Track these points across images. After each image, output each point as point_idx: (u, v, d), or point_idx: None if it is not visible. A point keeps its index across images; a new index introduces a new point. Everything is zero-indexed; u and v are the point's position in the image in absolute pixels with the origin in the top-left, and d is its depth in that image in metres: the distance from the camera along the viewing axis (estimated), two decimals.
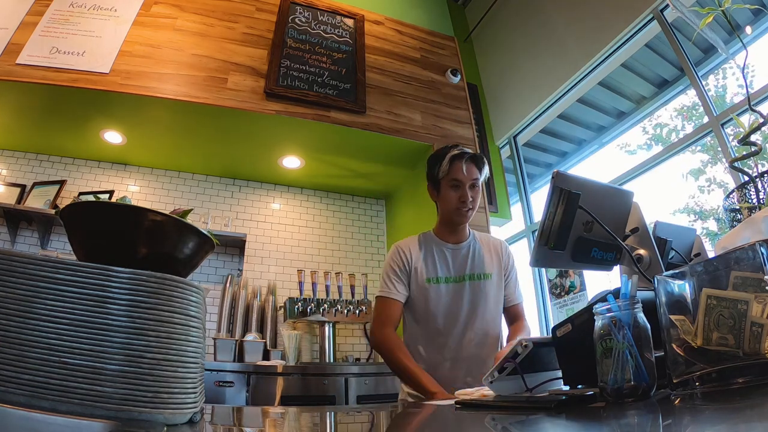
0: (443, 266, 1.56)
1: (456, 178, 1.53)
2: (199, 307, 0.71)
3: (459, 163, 1.53)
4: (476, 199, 1.55)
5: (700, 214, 3.66)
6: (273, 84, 2.69)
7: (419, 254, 1.57)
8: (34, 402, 0.53)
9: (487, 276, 1.58)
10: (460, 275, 1.56)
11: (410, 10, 3.60)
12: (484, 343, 1.52)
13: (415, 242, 1.61)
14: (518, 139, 3.94)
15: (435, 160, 1.60)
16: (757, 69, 2.50)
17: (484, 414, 0.75)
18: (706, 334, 0.58)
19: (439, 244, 1.60)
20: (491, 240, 1.70)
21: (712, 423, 0.47)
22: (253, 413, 1.13)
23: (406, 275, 1.55)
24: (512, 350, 0.76)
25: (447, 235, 1.61)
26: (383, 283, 1.55)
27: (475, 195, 1.55)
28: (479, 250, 1.61)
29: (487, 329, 1.54)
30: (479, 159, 1.57)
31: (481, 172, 1.56)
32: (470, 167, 1.54)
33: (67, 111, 2.55)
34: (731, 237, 0.88)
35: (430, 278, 1.54)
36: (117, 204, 0.70)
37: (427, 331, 1.51)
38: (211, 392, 2.25)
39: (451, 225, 1.60)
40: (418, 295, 1.53)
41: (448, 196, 1.55)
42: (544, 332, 3.28)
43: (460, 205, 1.53)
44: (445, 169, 1.53)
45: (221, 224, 3.14)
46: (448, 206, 1.56)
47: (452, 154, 1.54)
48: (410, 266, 1.55)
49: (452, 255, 1.59)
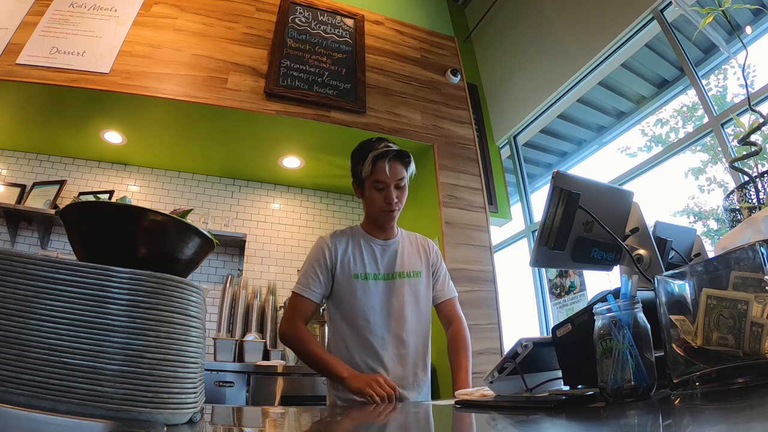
0: (371, 262, 1.50)
1: (380, 180, 1.44)
2: (199, 307, 0.71)
3: (382, 164, 1.43)
4: (402, 198, 1.49)
5: (699, 215, 3.66)
6: (273, 84, 2.69)
7: (346, 248, 1.50)
8: (34, 402, 0.53)
9: (417, 273, 1.54)
10: (391, 273, 1.51)
11: (410, 10, 3.60)
12: (417, 342, 1.49)
13: (342, 236, 1.54)
14: (518, 139, 3.94)
15: (357, 158, 1.51)
16: (757, 69, 2.50)
17: (484, 414, 0.75)
18: (706, 334, 0.58)
19: (367, 239, 1.54)
20: (418, 238, 1.65)
21: (712, 423, 0.47)
22: (253, 413, 1.13)
23: (327, 272, 1.47)
24: (512, 350, 0.76)
25: (375, 232, 1.55)
26: (302, 278, 1.47)
27: (401, 194, 1.48)
28: (407, 247, 1.58)
29: (421, 329, 1.51)
30: (404, 156, 1.47)
31: (407, 170, 1.48)
32: (395, 166, 1.44)
33: (67, 111, 2.55)
34: (731, 237, 0.88)
35: (358, 274, 1.47)
36: (117, 204, 0.70)
37: (356, 329, 1.45)
38: (211, 392, 2.25)
39: (378, 224, 1.54)
40: (345, 290, 1.46)
41: (373, 197, 1.47)
42: (544, 332, 3.28)
43: (386, 207, 1.46)
44: (368, 170, 1.44)
45: (221, 224, 3.14)
46: (373, 208, 1.49)
47: (375, 154, 1.44)
48: (335, 261, 1.47)
49: (381, 251, 1.53)
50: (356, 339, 1.45)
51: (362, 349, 1.44)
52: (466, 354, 1.50)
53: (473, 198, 3.00)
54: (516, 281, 3.61)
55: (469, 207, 2.95)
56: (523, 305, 3.45)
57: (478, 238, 2.88)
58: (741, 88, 2.53)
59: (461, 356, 1.49)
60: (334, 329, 1.50)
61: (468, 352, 1.51)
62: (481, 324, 2.64)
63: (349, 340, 1.45)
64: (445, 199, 2.87)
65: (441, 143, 3.05)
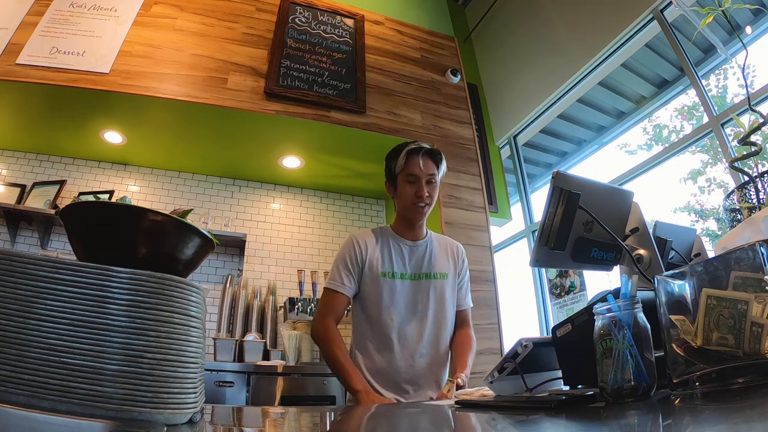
0: (399, 262, 1.52)
1: (412, 173, 1.49)
2: (199, 307, 0.71)
3: (415, 158, 1.49)
4: (433, 195, 1.51)
5: (700, 213, 3.66)
6: (273, 84, 2.69)
7: (375, 247, 1.52)
8: (34, 402, 0.53)
9: (444, 276, 1.56)
10: (418, 273, 1.53)
11: (410, 10, 3.60)
12: (439, 343, 1.50)
13: (372, 235, 1.56)
14: (518, 139, 3.94)
15: (392, 155, 1.56)
16: (758, 69, 2.50)
17: (484, 414, 0.75)
18: (706, 334, 0.58)
19: (396, 239, 1.56)
20: (448, 241, 1.66)
21: (712, 423, 0.47)
22: (253, 413, 1.13)
23: (357, 269, 1.49)
24: (512, 350, 0.76)
25: (404, 232, 1.57)
26: (333, 274, 1.49)
27: (432, 191, 1.51)
28: (436, 249, 1.59)
29: (441, 329, 1.52)
30: (436, 154, 1.53)
31: (438, 168, 1.52)
32: (427, 162, 1.50)
33: (67, 111, 2.55)
34: (731, 237, 0.88)
35: (386, 272, 1.49)
36: (117, 204, 0.70)
37: (380, 328, 1.46)
38: (211, 392, 2.25)
39: (408, 222, 1.56)
40: (372, 288, 1.48)
41: (404, 191, 1.51)
42: (544, 332, 3.28)
43: (416, 200, 1.49)
44: (402, 164, 1.50)
45: (221, 224, 3.14)
46: (404, 202, 1.52)
47: (409, 149, 1.51)
48: (364, 259, 1.50)
49: (409, 252, 1.55)
50: (378, 336, 1.46)
51: (383, 347, 1.45)
52: (470, 353, 1.52)
53: (473, 198, 3.00)
54: (516, 281, 3.62)
55: (469, 207, 2.95)
56: (523, 305, 3.45)
57: (478, 238, 2.88)
58: (741, 88, 2.54)
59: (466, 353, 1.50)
60: (358, 326, 1.53)
61: (473, 351, 1.53)
62: (481, 324, 2.64)
63: (371, 337, 1.47)
64: (445, 199, 2.87)
65: (441, 143, 3.05)
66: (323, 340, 1.44)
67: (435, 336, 1.50)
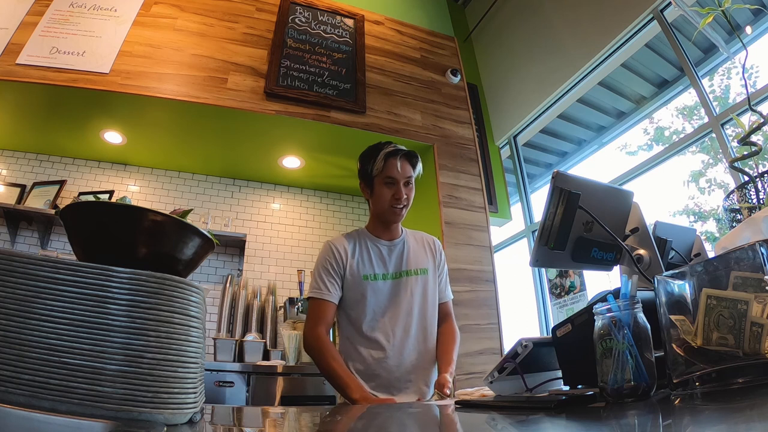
0: (380, 263, 1.53)
1: (390, 176, 1.49)
2: (199, 307, 0.71)
3: (394, 161, 1.49)
4: (410, 197, 1.53)
5: (699, 215, 3.66)
6: (273, 84, 2.69)
7: (354, 251, 1.52)
8: (34, 402, 0.53)
9: (424, 271, 1.57)
10: (398, 272, 1.54)
11: (410, 10, 3.60)
12: (426, 338, 1.52)
13: (348, 239, 1.56)
14: (518, 139, 3.94)
15: (368, 157, 1.55)
16: (759, 69, 2.50)
17: (484, 414, 0.75)
18: (706, 334, 0.58)
19: (374, 240, 1.56)
20: (424, 237, 1.68)
21: (712, 423, 0.47)
22: (253, 413, 1.13)
23: (339, 275, 1.49)
24: (512, 350, 0.76)
25: (381, 232, 1.58)
26: (315, 283, 1.48)
27: (409, 193, 1.53)
28: (413, 246, 1.60)
29: (427, 324, 1.53)
30: (413, 156, 1.54)
31: (415, 170, 1.54)
32: (404, 164, 1.51)
33: (67, 111, 2.55)
34: (731, 237, 0.88)
35: (368, 275, 1.49)
36: (117, 204, 0.70)
37: (367, 330, 1.46)
38: (211, 392, 2.25)
39: (385, 223, 1.57)
40: (355, 292, 1.48)
41: (382, 193, 1.51)
42: (544, 332, 3.28)
43: (395, 203, 1.50)
44: (380, 167, 1.49)
45: (221, 224, 3.14)
46: (382, 204, 1.52)
47: (386, 151, 1.50)
48: (345, 264, 1.49)
49: (388, 252, 1.56)
50: (366, 339, 1.46)
51: (372, 349, 1.46)
52: (454, 347, 1.54)
53: (473, 198, 3.00)
54: (516, 281, 3.62)
55: (469, 207, 2.95)
56: (523, 305, 3.45)
57: (478, 238, 2.88)
58: (743, 88, 2.53)
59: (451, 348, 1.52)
60: (344, 331, 1.52)
61: (457, 346, 1.55)
62: (481, 324, 2.64)
63: (359, 341, 1.47)
64: (445, 199, 2.87)
65: (441, 143, 3.05)
66: (317, 352, 1.42)
67: (422, 332, 1.52)
